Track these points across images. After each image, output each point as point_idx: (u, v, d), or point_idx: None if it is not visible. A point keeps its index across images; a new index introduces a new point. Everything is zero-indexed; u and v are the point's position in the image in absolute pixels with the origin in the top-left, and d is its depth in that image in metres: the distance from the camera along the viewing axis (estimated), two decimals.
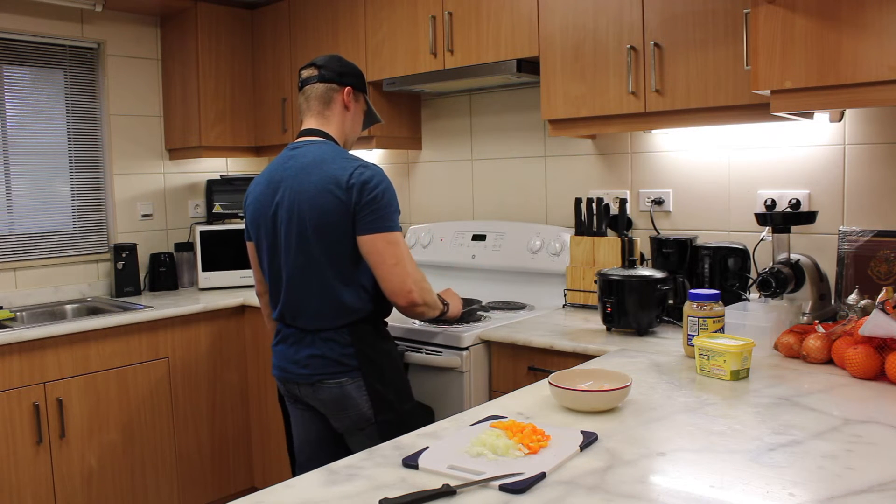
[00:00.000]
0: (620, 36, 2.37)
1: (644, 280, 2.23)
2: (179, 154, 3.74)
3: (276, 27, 3.59)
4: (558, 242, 2.84)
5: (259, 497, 1.16)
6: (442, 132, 3.41)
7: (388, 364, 2.03)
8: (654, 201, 2.74)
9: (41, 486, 2.71)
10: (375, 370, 1.98)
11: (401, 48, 2.99)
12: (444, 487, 1.12)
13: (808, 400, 1.55)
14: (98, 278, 3.53)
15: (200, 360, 3.21)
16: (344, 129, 2.10)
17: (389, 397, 1.99)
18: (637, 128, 2.43)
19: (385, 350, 2.05)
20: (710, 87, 2.19)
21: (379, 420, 1.97)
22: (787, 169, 2.43)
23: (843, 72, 1.82)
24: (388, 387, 2.00)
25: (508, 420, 1.39)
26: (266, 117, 3.68)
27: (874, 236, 2.16)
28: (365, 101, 2.19)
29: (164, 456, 3.09)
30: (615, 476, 1.18)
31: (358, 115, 2.15)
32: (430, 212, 3.49)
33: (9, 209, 3.29)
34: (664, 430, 1.40)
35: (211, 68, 3.56)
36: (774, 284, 2.08)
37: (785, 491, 1.11)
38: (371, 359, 1.99)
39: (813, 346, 1.83)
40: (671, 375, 1.77)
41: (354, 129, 2.15)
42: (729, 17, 2.14)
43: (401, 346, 2.42)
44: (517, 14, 2.64)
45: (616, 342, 2.16)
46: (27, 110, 3.35)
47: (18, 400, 2.65)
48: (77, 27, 3.43)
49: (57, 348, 2.75)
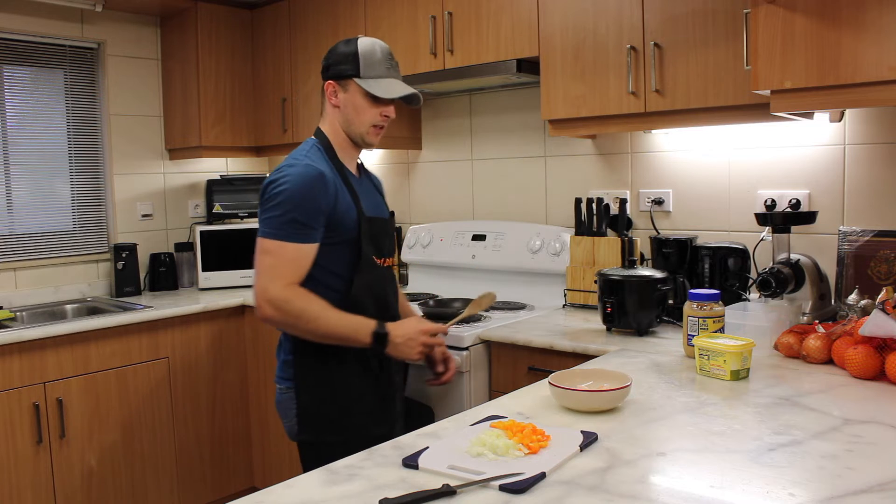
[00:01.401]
0: (620, 36, 2.37)
1: (644, 280, 2.23)
2: (179, 154, 3.74)
3: (276, 27, 3.59)
4: (558, 242, 2.84)
5: (259, 497, 1.16)
6: (442, 132, 3.41)
7: (336, 383, 1.85)
8: (654, 201, 2.74)
9: (41, 486, 2.71)
10: (311, 385, 1.85)
11: (401, 48, 2.99)
12: (444, 487, 1.12)
13: (808, 400, 1.55)
14: (98, 278, 3.53)
15: (200, 360, 3.21)
16: (336, 125, 1.93)
17: (320, 420, 1.84)
18: (637, 128, 2.43)
19: (332, 367, 1.85)
20: (710, 87, 2.19)
21: (300, 439, 1.88)
22: (787, 169, 2.43)
23: (843, 72, 1.82)
24: (325, 407, 1.84)
25: (508, 420, 1.39)
26: (266, 117, 3.68)
27: (874, 236, 2.16)
28: (359, 86, 1.89)
29: (164, 456, 3.08)
30: (615, 476, 1.18)
31: (352, 105, 1.89)
32: (430, 212, 3.49)
33: (9, 209, 3.29)
34: (664, 430, 1.40)
35: (211, 68, 3.56)
36: (774, 284, 2.08)
37: (785, 491, 1.11)
38: (307, 372, 1.85)
39: (813, 346, 1.83)
40: (671, 375, 1.77)
41: (354, 121, 1.90)
42: (729, 17, 2.14)
43: None
44: (517, 14, 2.64)
45: (616, 342, 2.16)
46: (27, 110, 3.35)
47: (18, 400, 2.65)
48: (77, 27, 3.43)
49: (57, 348, 2.75)
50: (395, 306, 2.02)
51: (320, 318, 1.76)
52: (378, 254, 1.92)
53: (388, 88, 1.90)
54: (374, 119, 1.91)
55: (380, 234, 1.93)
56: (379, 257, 1.93)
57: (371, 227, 1.89)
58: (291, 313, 1.76)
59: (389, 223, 2.04)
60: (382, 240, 1.95)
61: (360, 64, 1.89)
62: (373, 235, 1.90)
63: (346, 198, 1.85)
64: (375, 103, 1.90)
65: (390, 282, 2.00)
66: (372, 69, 1.90)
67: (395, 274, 2.08)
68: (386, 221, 2.00)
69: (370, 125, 1.92)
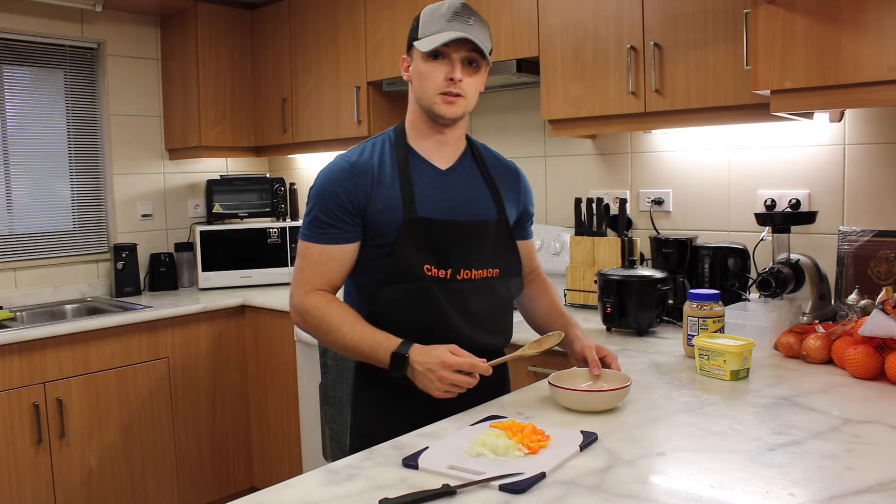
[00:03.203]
0: (620, 36, 2.37)
1: (644, 280, 2.23)
2: (179, 154, 3.74)
3: (276, 27, 3.59)
4: (558, 242, 2.84)
5: (259, 497, 1.15)
6: None
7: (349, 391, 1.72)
8: (654, 201, 2.74)
9: (41, 486, 2.71)
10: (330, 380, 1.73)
11: (401, 48, 2.97)
12: (444, 487, 1.12)
13: (808, 400, 1.55)
14: (98, 278, 3.53)
15: (200, 360, 3.21)
16: (414, 103, 1.66)
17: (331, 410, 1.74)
18: (637, 128, 2.43)
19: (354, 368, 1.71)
20: (710, 87, 2.19)
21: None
22: (787, 169, 2.43)
23: (843, 72, 1.82)
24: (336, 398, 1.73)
25: (508, 420, 1.39)
26: (266, 117, 3.68)
27: (874, 236, 2.16)
28: (417, 49, 1.59)
29: (164, 456, 3.08)
30: (615, 476, 1.18)
31: (416, 74, 1.61)
32: None
33: (9, 209, 3.29)
34: (664, 430, 1.40)
35: (211, 68, 3.56)
36: (774, 284, 2.08)
37: (785, 491, 1.11)
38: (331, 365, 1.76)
39: (813, 346, 1.83)
40: (671, 375, 1.77)
41: (420, 91, 1.61)
42: (729, 17, 2.14)
43: None
44: (517, 14, 2.64)
45: (616, 342, 2.16)
46: (27, 110, 3.35)
47: (18, 400, 2.65)
48: (77, 27, 3.43)
49: (57, 348, 2.75)
50: (466, 329, 1.61)
51: (339, 329, 1.56)
52: (438, 263, 1.58)
53: (435, 40, 1.54)
54: (437, 85, 1.57)
55: (445, 241, 1.58)
56: (439, 267, 1.58)
57: (427, 231, 1.56)
58: (311, 323, 1.60)
59: (482, 227, 1.63)
60: (451, 247, 1.59)
61: (419, 24, 1.59)
62: (430, 240, 1.57)
63: (389, 193, 1.57)
64: (434, 63, 1.56)
65: (453, 297, 1.59)
66: (429, 25, 1.57)
67: (486, 289, 1.64)
68: (466, 225, 1.60)
69: (436, 93, 1.58)
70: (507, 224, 1.69)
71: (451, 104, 1.58)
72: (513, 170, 1.78)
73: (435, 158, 1.65)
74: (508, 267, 1.69)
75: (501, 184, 1.71)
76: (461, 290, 1.60)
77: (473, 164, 1.70)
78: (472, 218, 1.62)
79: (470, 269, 1.61)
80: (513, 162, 1.81)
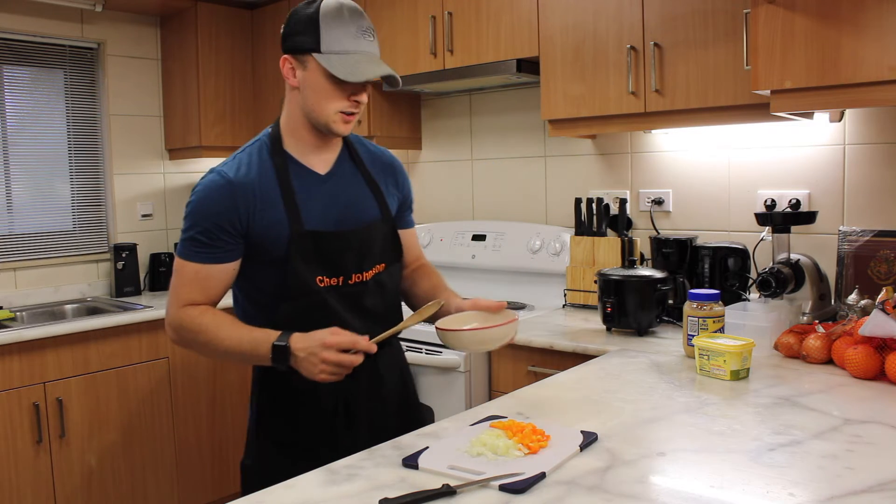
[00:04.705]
0: (620, 36, 2.37)
1: (644, 280, 2.23)
2: (179, 154, 3.74)
3: (276, 27, 3.58)
4: (558, 242, 2.84)
5: (259, 497, 1.16)
6: (442, 132, 3.41)
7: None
8: (654, 201, 2.74)
9: (41, 486, 2.71)
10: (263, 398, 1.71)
11: (401, 48, 2.99)
12: (444, 487, 1.12)
13: (808, 400, 1.55)
14: (98, 278, 3.53)
15: (200, 360, 3.20)
16: (295, 110, 1.57)
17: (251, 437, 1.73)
18: (637, 128, 2.43)
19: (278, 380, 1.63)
20: (710, 87, 2.19)
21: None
22: (787, 169, 2.43)
23: (843, 72, 1.82)
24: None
25: (508, 420, 1.39)
26: (266, 117, 3.68)
27: (874, 236, 2.16)
28: (319, 64, 1.48)
29: (164, 456, 3.08)
30: (615, 476, 1.18)
31: (311, 87, 1.51)
32: (429, 212, 3.49)
33: (9, 209, 3.29)
34: (664, 430, 1.40)
35: (211, 68, 3.55)
36: (774, 284, 2.08)
37: (785, 491, 1.11)
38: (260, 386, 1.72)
39: (813, 346, 1.83)
40: (671, 375, 1.77)
41: (316, 107, 1.52)
42: (729, 17, 2.14)
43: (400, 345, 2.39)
44: (517, 14, 2.64)
45: (616, 342, 2.16)
46: (27, 110, 3.35)
47: (18, 400, 2.65)
48: (77, 27, 3.43)
49: (57, 348, 2.75)
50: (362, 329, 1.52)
51: (217, 336, 1.50)
52: (331, 273, 1.55)
53: (355, 68, 1.47)
54: (340, 106, 1.51)
55: (335, 251, 1.55)
56: (331, 277, 1.55)
57: (316, 244, 1.53)
58: (187, 337, 1.54)
59: (368, 232, 1.61)
60: (341, 255, 1.56)
61: (319, 33, 1.47)
62: (320, 253, 1.54)
63: (273, 210, 1.52)
64: (341, 86, 1.50)
65: (347, 301, 1.58)
66: (336, 41, 1.47)
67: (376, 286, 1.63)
68: (351, 233, 1.58)
69: (336, 112, 1.52)
70: (391, 220, 1.68)
71: (349, 122, 1.55)
72: (388, 162, 1.76)
73: (314, 163, 1.60)
74: (392, 258, 1.68)
75: (380, 179, 1.70)
76: (354, 293, 1.59)
77: (352, 165, 1.66)
78: (359, 225, 1.60)
79: (361, 273, 1.59)
80: (388, 151, 1.79)
